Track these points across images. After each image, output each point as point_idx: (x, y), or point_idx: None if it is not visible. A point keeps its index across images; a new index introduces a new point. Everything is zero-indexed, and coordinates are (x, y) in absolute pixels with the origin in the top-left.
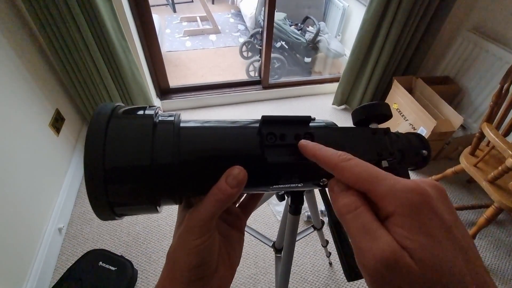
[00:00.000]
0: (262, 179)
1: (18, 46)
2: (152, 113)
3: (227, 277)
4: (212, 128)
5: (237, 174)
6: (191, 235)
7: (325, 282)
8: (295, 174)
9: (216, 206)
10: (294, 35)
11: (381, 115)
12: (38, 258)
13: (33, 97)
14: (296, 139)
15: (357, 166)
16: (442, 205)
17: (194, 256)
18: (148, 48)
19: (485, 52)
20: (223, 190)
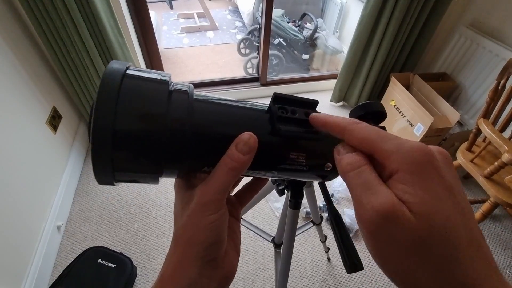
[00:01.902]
0: (271, 155)
1: (13, 43)
2: (168, 79)
3: (235, 259)
4: (223, 103)
5: (248, 139)
6: (206, 210)
7: (323, 277)
8: (303, 153)
9: (228, 175)
10: (292, 32)
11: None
12: (36, 256)
13: (29, 95)
14: (306, 116)
15: (366, 128)
16: (445, 168)
17: (210, 232)
18: (145, 45)
19: (482, 48)
20: (235, 158)
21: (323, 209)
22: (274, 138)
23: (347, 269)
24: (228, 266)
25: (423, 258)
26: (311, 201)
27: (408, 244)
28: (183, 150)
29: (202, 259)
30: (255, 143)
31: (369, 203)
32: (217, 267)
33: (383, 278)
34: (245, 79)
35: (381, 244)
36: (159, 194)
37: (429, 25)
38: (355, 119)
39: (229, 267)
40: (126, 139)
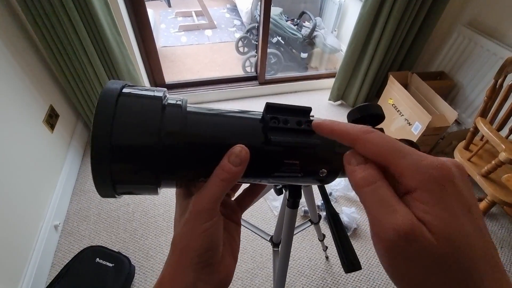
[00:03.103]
0: (265, 164)
1: (10, 41)
2: (161, 95)
3: (231, 265)
4: (217, 114)
5: (239, 152)
6: (199, 219)
7: (321, 275)
8: (297, 161)
9: (220, 186)
10: (290, 30)
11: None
12: (34, 255)
13: (26, 93)
14: (298, 125)
15: (381, 139)
16: (463, 184)
17: (203, 240)
18: (143, 43)
19: (480, 47)
20: (226, 169)
21: (321, 208)
22: (266, 148)
23: (345, 269)
24: (225, 272)
25: (442, 278)
26: (309, 200)
27: (428, 264)
28: (178, 162)
29: (197, 265)
30: (247, 155)
31: (388, 223)
32: (214, 272)
33: (381, 276)
34: (243, 78)
35: (398, 263)
36: None
37: (427, 24)
38: (366, 127)
39: (225, 272)
40: (123, 154)
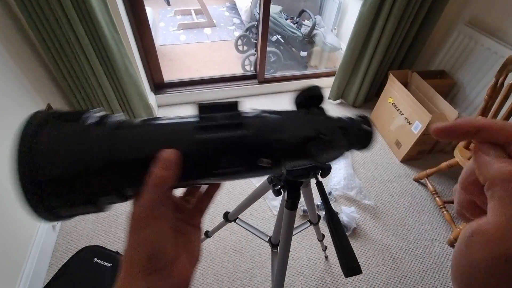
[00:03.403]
0: (200, 164)
1: (6, 39)
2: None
3: (187, 268)
4: (149, 124)
5: (167, 155)
6: (137, 228)
7: (321, 275)
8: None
9: (153, 192)
10: (290, 29)
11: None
12: (31, 255)
13: (23, 92)
14: (225, 120)
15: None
16: None
17: (146, 247)
18: (141, 41)
19: (481, 46)
20: (155, 174)
21: (320, 207)
22: (197, 148)
23: (344, 273)
24: (179, 275)
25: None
26: (308, 201)
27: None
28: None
29: (145, 272)
30: (175, 157)
31: None
32: (166, 277)
33: (380, 276)
34: (242, 77)
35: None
36: None
37: (427, 22)
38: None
39: (180, 275)
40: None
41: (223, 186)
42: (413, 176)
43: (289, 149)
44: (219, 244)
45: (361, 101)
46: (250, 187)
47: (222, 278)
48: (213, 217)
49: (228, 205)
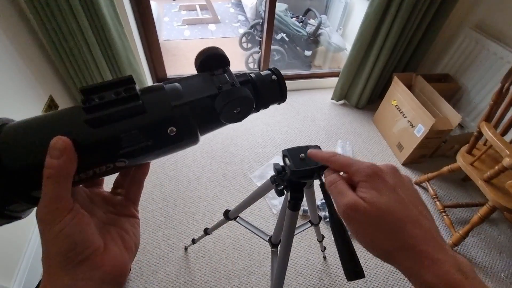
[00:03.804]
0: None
1: (9, 30)
2: None
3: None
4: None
5: (55, 142)
6: (46, 225)
7: (318, 275)
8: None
9: (52, 183)
10: (295, 28)
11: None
12: (29, 248)
13: (25, 83)
14: (116, 95)
15: (340, 158)
16: (389, 175)
17: (60, 242)
18: (145, 35)
19: (487, 50)
20: (49, 165)
21: (320, 208)
22: (92, 130)
23: (347, 277)
24: (110, 264)
25: (377, 229)
26: (310, 202)
27: (368, 222)
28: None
29: (67, 266)
30: (64, 144)
31: (341, 202)
32: (95, 267)
33: (378, 278)
34: None
35: (354, 226)
36: (155, 187)
37: (434, 25)
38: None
39: (111, 264)
40: None
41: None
42: (414, 180)
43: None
44: (217, 242)
45: (364, 103)
46: (250, 185)
47: (220, 275)
48: (212, 214)
49: (228, 203)
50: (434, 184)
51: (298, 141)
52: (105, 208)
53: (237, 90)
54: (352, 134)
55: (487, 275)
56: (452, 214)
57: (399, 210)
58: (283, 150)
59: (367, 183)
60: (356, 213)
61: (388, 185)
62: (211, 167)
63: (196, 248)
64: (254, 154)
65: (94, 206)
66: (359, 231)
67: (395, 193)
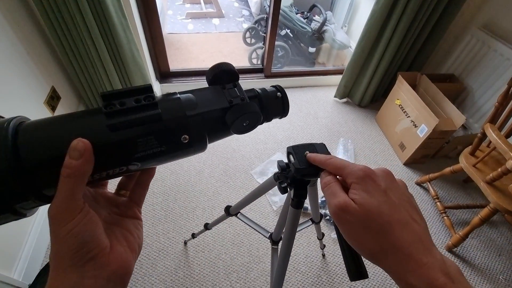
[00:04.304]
0: (119, 149)
1: (14, 20)
2: None
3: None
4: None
5: (76, 145)
6: (58, 223)
7: (317, 273)
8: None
9: (68, 184)
10: (300, 24)
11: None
12: (30, 237)
13: (28, 73)
14: (136, 102)
15: (336, 161)
16: (382, 178)
17: (71, 240)
18: (149, 28)
19: (493, 51)
20: (67, 165)
21: (321, 206)
22: (112, 134)
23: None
24: (116, 263)
25: (365, 230)
26: (313, 200)
27: (356, 223)
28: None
29: (76, 264)
30: (85, 146)
31: (332, 203)
32: (102, 266)
33: (376, 276)
34: (249, 70)
35: (343, 226)
36: (156, 181)
37: (440, 24)
38: (330, 156)
39: (117, 263)
40: None
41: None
42: (415, 180)
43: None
44: (217, 237)
45: (368, 101)
46: (251, 181)
47: (218, 270)
48: (212, 210)
49: (229, 198)
50: (435, 185)
51: (299, 139)
52: (109, 208)
53: (246, 105)
54: (354, 133)
55: (486, 277)
56: (452, 215)
57: (388, 213)
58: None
59: (358, 185)
60: (345, 213)
61: (380, 188)
62: (212, 162)
63: (196, 242)
64: (256, 150)
65: (98, 206)
66: (348, 231)
67: (386, 195)
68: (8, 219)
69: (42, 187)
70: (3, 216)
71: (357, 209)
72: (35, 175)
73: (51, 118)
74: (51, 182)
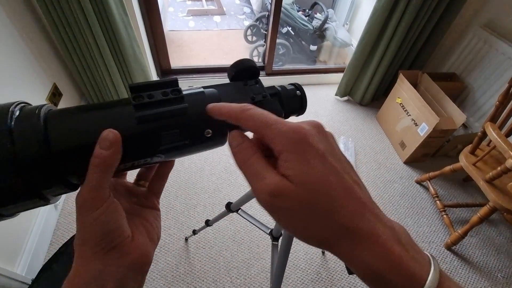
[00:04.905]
0: (144, 141)
1: (16, 18)
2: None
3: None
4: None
5: (107, 135)
6: (85, 210)
7: (316, 269)
8: (173, 129)
9: (96, 172)
10: (301, 21)
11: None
12: (33, 232)
13: (30, 70)
14: (164, 95)
15: (256, 114)
16: (318, 138)
17: (96, 228)
18: (150, 25)
19: (495, 50)
20: (97, 155)
21: None
22: (138, 126)
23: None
24: (137, 252)
25: (309, 215)
26: None
27: (297, 208)
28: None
29: (100, 252)
30: (115, 137)
31: (259, 187)
32: (124, 255)
33: None
34: None
35: (279, 215)
36: None
37: (442, 22)
38: (246, 105)
39: (138, 253)
40: None
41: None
42: (415, 178)
43: None
44: (217, 233)
45: (369, 100)
46: None
47: (219, 267)
48: (213, 207)
49: (229, 195)
50: (435, 184)
51: None
52: (129, 198)
53: (269, 103)
54: (355, 131)
55: (484, 274)
56: (451, 213)
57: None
58: None
59: (291, 153)
60: (279, 199)
61: (318, 153)
62: (213, 160)
63: (197, 239)
64: None
65: (118, 195)
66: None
67: (327, 162)
68: (35, 204)
69: (67, 174)
70: (31, 201)
71: (295, 190)
72: (63, 161)
73: (79, 107)
74: (77, 169)
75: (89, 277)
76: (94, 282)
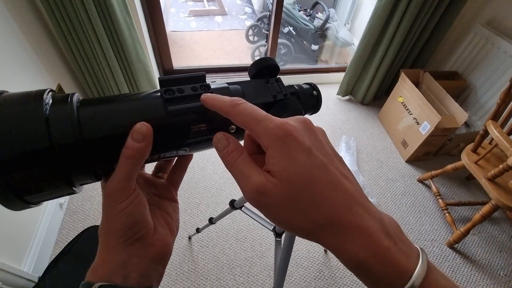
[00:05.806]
0: (172, 135)
1: (20, 18)
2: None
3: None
4: (115, 100)
5: (140, 128)
6: (113, 200)
7: (319, 268)
8: (201, 124)
9: (127, 164)
10: (303, 21)
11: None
12: (39, 231)
13: (35, 71)
14: (193, 90)
15: (245, 110)
16: (304, 133)
17: (124, 219)
18: (152, 26)
19: (497, 48)
20: (130, 147)
21: None
22: (168, 119)
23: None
24: (159, 244)
25: (294, 208)
26: None
27: (281, 203)
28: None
29: (125, 242)
30: (148, 130)
31: (246, 187)
32: (147, 246)
33: None
34: None
35: (266, 210)
36: None
37: (444, 21)
38: (237, 99)
39: (160, 244)
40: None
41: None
42: (417, 177)
43: None
44: (220, 232)
45: (370, 99)
46: None
47: (222, 265)
48: (216, 205)
49: (232, 194)
50: (437, 182)
51: None
52: (148, 189)
53: (291, 102)
54: (356, 130)
55: (487, 272)
56: (454, 212)
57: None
58: None
59: (276, 150)
60: (264, 196)
61: (304, 147)
62: (215, 159)
63: (200, 237)
64: None
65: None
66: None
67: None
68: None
69: (95, 164)
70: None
71: (278, 186)
72: (94, 151)
73: (108, 97)
74: (106, 159)
75: (113, 267)
76: (118, 272)
